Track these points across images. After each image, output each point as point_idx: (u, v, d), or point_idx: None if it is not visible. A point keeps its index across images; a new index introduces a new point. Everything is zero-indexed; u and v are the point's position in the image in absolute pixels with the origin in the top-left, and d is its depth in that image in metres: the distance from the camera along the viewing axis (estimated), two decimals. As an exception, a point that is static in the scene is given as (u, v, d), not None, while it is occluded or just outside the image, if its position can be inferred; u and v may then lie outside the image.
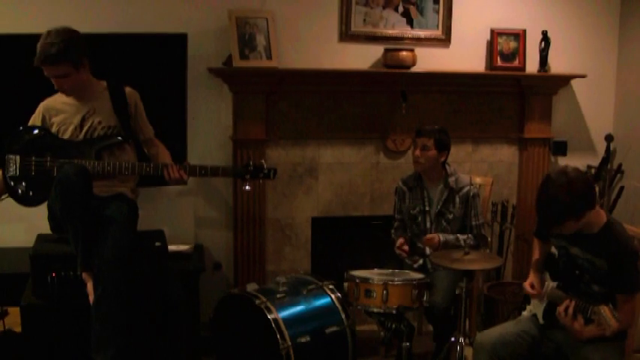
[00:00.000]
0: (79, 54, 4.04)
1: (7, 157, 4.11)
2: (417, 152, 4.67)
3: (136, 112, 4.32)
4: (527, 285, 3.87)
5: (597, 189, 5.63)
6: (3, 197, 4.17)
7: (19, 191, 4.11)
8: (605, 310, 3.41)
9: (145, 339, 4.27)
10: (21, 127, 4.20)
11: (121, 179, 4.23)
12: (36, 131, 4.19)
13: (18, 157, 4.09)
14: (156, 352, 4.37)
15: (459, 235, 4.67)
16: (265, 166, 4.40)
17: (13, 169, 4.09)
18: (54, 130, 4.18)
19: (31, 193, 4.11)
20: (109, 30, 4.76)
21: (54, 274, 4.16)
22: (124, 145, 4.23)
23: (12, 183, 4.11)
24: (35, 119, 4.23)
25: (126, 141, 4.23)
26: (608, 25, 5.83)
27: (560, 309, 3.58)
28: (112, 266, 3.86)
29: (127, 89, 4.30)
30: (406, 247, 4.71)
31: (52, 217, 4.11)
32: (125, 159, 4.22)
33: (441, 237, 4.64)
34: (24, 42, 4.16)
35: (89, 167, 4.01)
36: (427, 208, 4.78)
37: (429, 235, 4.68)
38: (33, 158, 4.09)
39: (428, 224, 4.79)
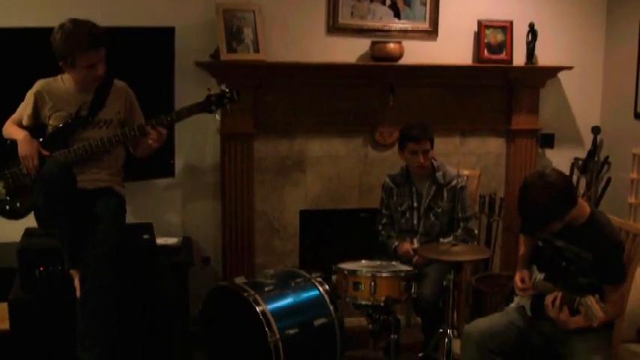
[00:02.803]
0: None
1: None
2: (422, 159, 4.65)
3: (131, 106, 4.29)
4: (517, 280, 3.88)
5: (585, 181, 5.67)
6: None
7: (7, 207, 4.09)
8: (591, 301, 3.43)
9: (135, 334, 4.27)
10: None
11: (104, 168, 4.17)
12: (3, 145, 4.14)
13: None
14: (146, 347, 4.38)
15: (441, 239, 4.70)
16: (227, 90, 4.26)
17: None
18: (46, 112, 4.10)
19: (18, 205, 4.09)
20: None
21: (42, 269, 4.15)
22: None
23: None
24: (27, 103, 4.14)
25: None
26: (595, 16, 5.84)
27: (548, 301, 3.60)
28: (99, 263, 3.85)
29: (118, 83, 4.26)
30: (411, 251, 4.72)
31: (37, 213, 4.09)
32: (114, 154, 4.20)
33: (415, 246, 4.69)
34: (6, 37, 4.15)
35: (60, 157, 3.97)
36: (415, 204, 4.79)
37: (403, 248, 4.72)
38: (6, 172, 4.07)
39: (415, 220, 4.79)
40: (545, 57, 5.69)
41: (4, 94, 4.44)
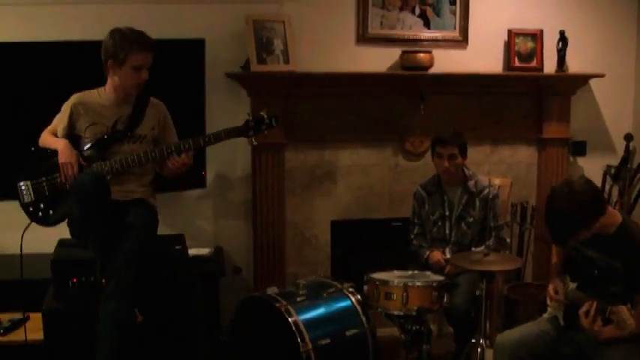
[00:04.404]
0: None
1: (18, 186, 4.11)
2: (446, 163, 4.65)
3: (165, 124, 4.34)
4: (550, 290, 3.86)
5: (617, 189, 5.62)
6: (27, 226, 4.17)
7: (40, 214, 4.12)
8: (623, 311, 3.40)
9: (165, 343, 4.29)
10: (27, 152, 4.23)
11: (136, 180, 4.22)
12: (40, 152, 4.19)
13: (29, 182, 4.11)
14: (176, 357, 4.39)
15: (473, 248, 4.67)
16: (265, 116, 4.32)
17: (28, 195, 4.11)
18: (82, 125, 4.15)
19: (51, 212, 4.12)
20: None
21: (75, 280, 4.18)
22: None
23: (31, 209, 4.12)
24: (63, 115, 4.19)
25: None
26: (626, 23, 5.81)
27: (582, 311, 3.57)
28: (123, 271, 3.87)
29: (153, 100, 4.32)
30: (443, 261, 4.71)
31: (71, 223, 4.12)
32: (145, 168, 4.24)
33: (447, 255, 4.67)
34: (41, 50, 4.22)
35: (96, 169, 4.02)
36: (447, 213, 4.77)
37: (434, 258, 4.71)
38: (43, 178, 4.11)
39: (447, 230, 4.78)
40: (575, 64, 5.66)
41: (39, 106, 4.52)
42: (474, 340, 4.26)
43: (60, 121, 4.20)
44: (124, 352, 3.85)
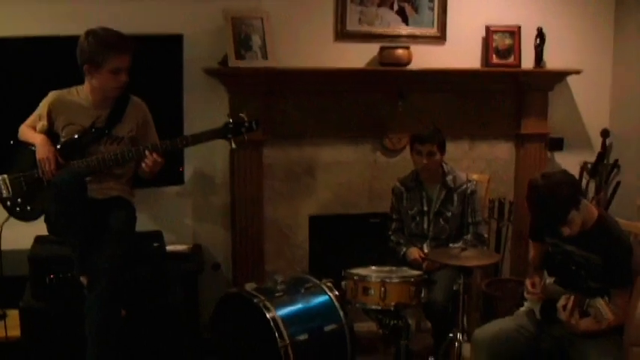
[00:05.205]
0: None
1: None
2: (425, 160, 4.67)
3: (144, 124, 4.29)
4: (528, 284, 3.87)
5: (594, 184, 5.66)
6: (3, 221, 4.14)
7: (17, 209, 4.09)
8: (600, 303, 3.43)
9: (145, 341, 4.28)
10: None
11: (114, 179, 4.18)
12: (19, 147, 4.14)
13: (6, 177, 4.07)
14: (156, 354, 4.38)
15: (451, 243, 4.70)
16: (246, 119, 4.22)
17: (5, 190, 4.07)
18: (59, 124, 4.10)
19: (29, 208, 4.09)
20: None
21: (52, 276, 4.16)
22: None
23: (8, 204, 4.08)
24: (42, 111, 4.14)
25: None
26: (604, 19, 5.85)
27: (560, 304, 3.59)
28: (106, 275, 3.85)
29: (134, 99, 4.27)
30: (420, 258, 4.72)
31: (48, 219, 4.10)
32: (125, 168, 4.22)
33: (425, 250, 4.72)
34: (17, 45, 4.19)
35: (75, 166, 3.99)
36: (425, 209, 4.80)
37: (412, 256, 4.73)
38: (21, 174, 4.07)
39: (426, 225, 4.80)
40: (553, 61, 5.68)
41: (16, 100, 4.50)
42: (451, 335, 4.29)
43: (38, 117, 4.16)
44: (114, 352, 3.86)
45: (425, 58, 5.46)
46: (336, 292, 4.24)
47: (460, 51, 5.59)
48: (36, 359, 4.15)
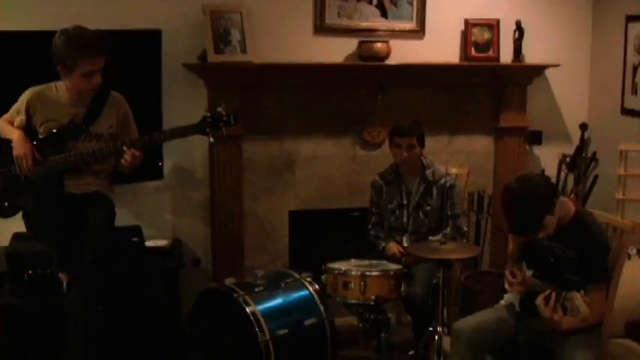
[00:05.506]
0: None
1: None
2: (405, 154, 4.68)
3: (124, 120, 4.26)
4: (509, 277, 3.88)
5: (573, 177, 5.68)
6: None
7: None
8: (577, 297, 3.44)
9: (126, 336, 4.27)
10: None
11: (93, 174, 4.16)
12: None
13: None
14: (138, 349, 4.37)
15: (430, 237, 4.71)
16: (224, 113, 4.15)
17: None
18: (37, 121, 4.08)
19: (6, 204, 4.08)
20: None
21: (30, 273, 4.15)
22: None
23: None
24: (20, 106, 4.12)
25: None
26: (582, 13, 5.86)
27: (540, 300, 3.60)
28: (87, 272, 3.84)
29: (113, 95, 4.23)
30: (399, 253, 4.73)
31: (26, 216, 4.07)
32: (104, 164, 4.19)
33: (405, 244, 4.73)
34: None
35: (52, 163, 3.96)
36: (405, 202, 4.80)
37: (390, 250, 4.75)
38: None
39: (405, 218, 4.81)
40: (532, 55, 5.70)
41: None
42: (431, 328, 4.30)
43: (17, 112, 4.14)
44: (98, 348, 3.85)
45: (404, 52, 5.46)
46: (317, 287, 4.25)
47: (439, 45, 5.59)
48: (14, 356, 4.15)
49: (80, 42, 3.87)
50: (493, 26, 5.60)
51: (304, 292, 4.22)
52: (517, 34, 5.57)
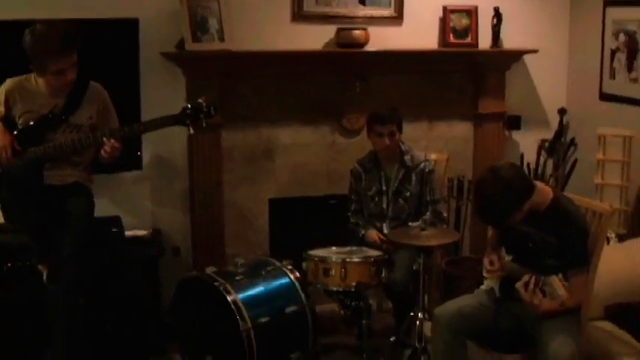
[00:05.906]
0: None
1: None
2: (387, 141, 4.68)
3: (104, 110, 4.22)
4: (486, 263, 3.90)
5: (552, 162, 5.70)
6: None
7: None
8: (555, 281, 3.46)
9: (106, 326, 4.27)
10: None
11: (72, 165, 4.13)
12: None
13: None
14: (118, 339, 4.37)
15: (410, 223, 4.72)
16: (204, 104, 4.09)
17: None
18: (16, 112, 4.04)
19: None
20: (58, 16, 4.66)
21: (9, 265, 4.13)
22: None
23: None
24: None
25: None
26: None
27: (520, 284, 3.61)
28: (68, 263, 3.83)
29: (93, 85, 4.19)
30: (378, 240, 4.73)
31: (4, 207, 4.04)
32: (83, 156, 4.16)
33: (385, 230, 4.75)
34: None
35: (31, 154, 3.93)
36: (384, 188, 4.81)
37: (370, 238, 4.75)
38: None
39: (385, 205, 4.82)
40: (510, 41, 5.72)
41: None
42: (412, 314, 4.32)
43: None
44: (80, 339, 3.84)
45: (382, 39, 5.46)
46: (297, 274, 4.26)
47: (417, 31, 5.59)
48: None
49: (45, 44, 3.81)
50: (471, 12, 5.60)
51: (285, 280, 4.22)
52: (495, 20, 5.58)
